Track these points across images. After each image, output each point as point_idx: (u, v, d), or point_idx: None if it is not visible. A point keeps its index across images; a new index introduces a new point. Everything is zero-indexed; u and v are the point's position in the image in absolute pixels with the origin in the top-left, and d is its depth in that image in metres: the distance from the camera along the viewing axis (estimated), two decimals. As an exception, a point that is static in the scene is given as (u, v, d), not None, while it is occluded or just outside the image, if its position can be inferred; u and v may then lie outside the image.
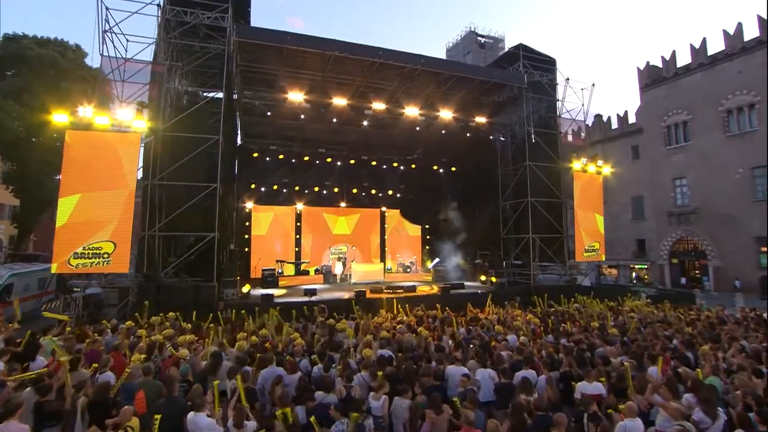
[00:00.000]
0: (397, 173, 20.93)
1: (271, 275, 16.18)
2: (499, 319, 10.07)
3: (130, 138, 10.81)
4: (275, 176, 19.16)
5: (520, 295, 14.78)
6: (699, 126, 23.97)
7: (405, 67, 14.17)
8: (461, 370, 6.03)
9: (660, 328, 9.00)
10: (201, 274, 13.21)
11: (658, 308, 11.78)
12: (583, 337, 8.12)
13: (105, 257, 10.25)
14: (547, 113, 16.57)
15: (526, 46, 16.33)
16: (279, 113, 15.26)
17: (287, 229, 20.93)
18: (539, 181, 16.00)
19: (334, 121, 15.32)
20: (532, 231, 15.95)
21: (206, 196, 12.27)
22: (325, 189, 20.98)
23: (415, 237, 23.63)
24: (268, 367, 5.66)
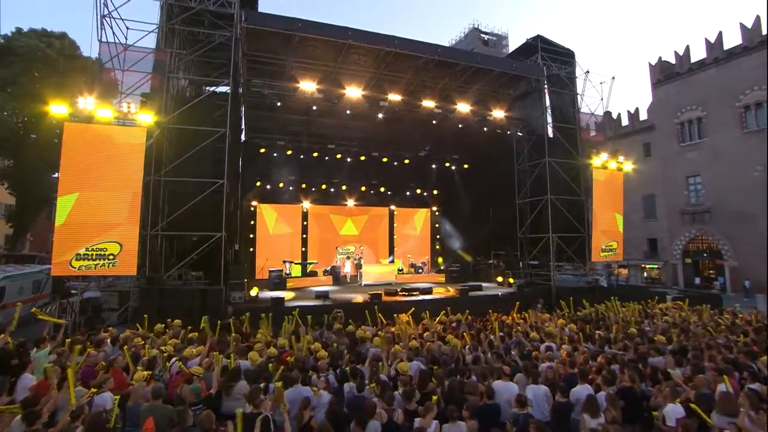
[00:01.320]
0: (408, 170, 20.21)
1: (279, 277, 15.46)
2: (531, 324, 9.40)
3: (135, 133, 10.07)
4: (281, 173, 18.42)
5: (535, 298, 14.15)
6: (714, 122, 23.38)
7: (421, 57, 13.48)
8: (510, 387, 5.36)
9: (706, 335, 8.38)
10: (206, 276, 12.54)
11: (693, 311, 11.11)
12: (630, 344, 7.47)
13: (110, 259, 9.53)
14: (566, 107, 15.89)
15: (544, 38, 15.64)
16: (287, 106, 14.52)
17: (293, 228, 20.23)
18: (558, 178, 15.34)
19: (348, 113, 14.59)
20: (551, 230, 15.30)
21: (211, 193, 11.54)
22: (332, 186, 20.25)
23: (424, 236, 23.00)
24: (294, 387, 4.95)
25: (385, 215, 22.23)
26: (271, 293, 13.66)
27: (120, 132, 10.00)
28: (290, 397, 4.80)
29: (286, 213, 20.04)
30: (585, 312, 11.15)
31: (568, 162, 15.52)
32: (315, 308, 11.33)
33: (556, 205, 15.16)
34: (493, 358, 6.55)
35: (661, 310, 11.83)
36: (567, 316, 10.48)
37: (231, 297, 11.80)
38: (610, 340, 7.87)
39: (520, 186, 16.94)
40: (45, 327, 7.19)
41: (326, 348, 6.84)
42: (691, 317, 10.50)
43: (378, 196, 21.48)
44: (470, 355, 6.78)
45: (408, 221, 22.75)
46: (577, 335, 8.34)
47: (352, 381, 5.27)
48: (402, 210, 22.46)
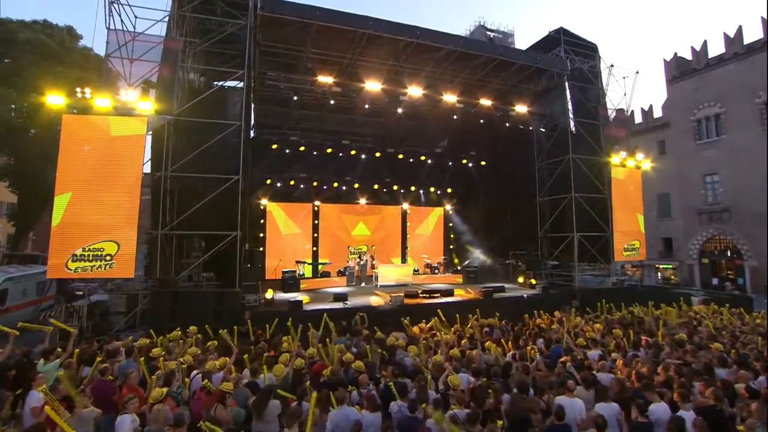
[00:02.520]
0: (424, 167, 19.61)
1: (292, 278, 14.86)
2: (568, 329, 8.82)
3: (134, 123, 9.46)
4: (292, 170, 17.83)
5: (563, 300, 13.59)
6: (733, 119, 22.84)
7: (441, 49, 12.90)
8: (576, 404, 4.79)
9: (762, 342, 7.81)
10: (218, 278, 11.97)
11: (734, 315, 10.53)
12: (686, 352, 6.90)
13: (107, 260, 8.92)
14: (589, 102, 15.31)
15: (567, 30, 15.09)
16: (302, 101, 13.96)
17: (304, 227, 19.63)
18: (582, 176, 14.78)
19: (366, 107, 14.01)
20: (572, 229, 14.74)
21: (223, 190, 10.96)
22: (344, 185, 19.64)
23: (437, 236, 22.43)
24: (340, 408, 4.36)
25: (397, 214, 21.65)
26: (286, 295, 13.10)
27: (118, 123, 9.38)
28: (337, 420, 4.23)
29: (296, 212, 19.43)
30: (620, 315, 10.59)
31: (590, 159, 14.97)
32: (334, 312, 10.76)
33: (578, 203, 14.60)
34: (544, 369, 6.00)
35: (696, 313, 11.27)
36: (603, 320, 9.91)
37: (246, 300, 11.22)
38: (660, 347, 7.32)
39: (541, 184, 16.36)
40: (45, 335, 6.52)
41: (360, 358, 6.27)
42: (734, 321, 9.96)
43: (391, 195, 20.89)
44: (517, 364, 6.23)
45: (421, 221, 22.14)
46: (622, 341, 7.77)
47: (399, 399, 4.69)
48: (415, 209, 21.86)
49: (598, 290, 14.07)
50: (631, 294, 13.59)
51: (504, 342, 7.74)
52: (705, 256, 24.19)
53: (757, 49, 22.01)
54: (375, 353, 6.86)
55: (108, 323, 10.71)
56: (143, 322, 10.57)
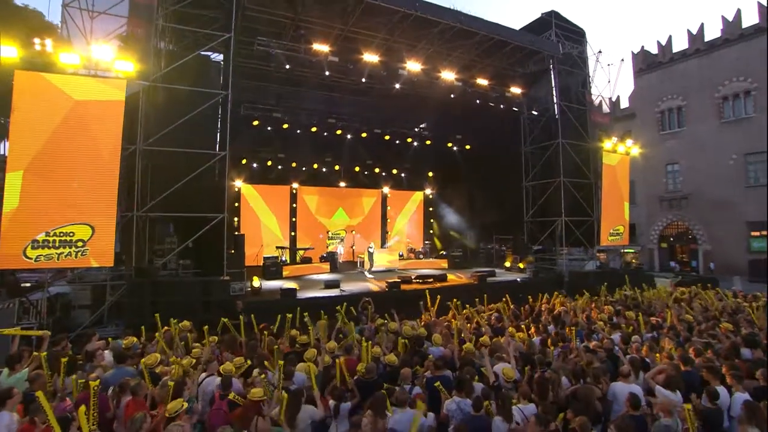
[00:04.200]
0: (408, 150, 19.07)
1: (274, 264, 13.97)
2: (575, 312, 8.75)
3: (112, 88, 8.13)
4: (270, 150, 16.67)
5: (554, 283, 13.74)
6: (693, 112, 24.14)
7: (438, 24, 12.30)
8: (634, 389, 4.52)
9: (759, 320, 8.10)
10: (197, 265, 10.88)
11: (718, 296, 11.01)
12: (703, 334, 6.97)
13: (79, 246, 7.68)
14: (576, 88, 15.38)
15: (559, 14, 14.97)
16: (286, 74, 12.83)
17: (281, 210, 18.57)
18: (569, 161, 14.90)
19: (355, 84, 13.17)
20: (559, 214, 14.90)
21: (207, 168, 9.82)
22: (325, 166, 18.74)
23: (418, 221, 22.13)
24: (404, 411, 3.77)
25: (378, 198, 21.10)
26: (272, 283, 12.23)
27: (92, 86, 8.01)
28: (402, 425, 3.66)
29: (273, 194, 18.32)
30: (617, 297, 10.77)
31: (578, 144, 15.11)
32: (332, 300, 10.11)
33: (568, 188, 14.72)
34: (585, 355, 5.75)
35: (682, 294, 11.71)
36: (603, 302, 9.99)
37: (231, 288, 10.25)
38: (677, 328, 7.37)
39: (527, 168, 16.36)
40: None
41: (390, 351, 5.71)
42: (716, 302, 10.40)
43: (372, 178, 20.27)
44: (555, 351, 5.94)
45: (402, 204, 21.74)
46: (635, 323, 7.76)
47: (458, 395, 4.19)
48: (395, 192, 21.39)
49: (585, 273, 14.39)
50: (615, 277, 13.95)
51: (523, 327, 7.48)
52: (664, 241, 25.72)
53: (717, 46, 23.26)
54: (387, 343, 6.36)
55: (70, 319, 9.41)
56: (114, 316, 9.40)
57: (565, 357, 5.66)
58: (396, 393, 3.90)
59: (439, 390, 4.16)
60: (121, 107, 8.07)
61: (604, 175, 14.90)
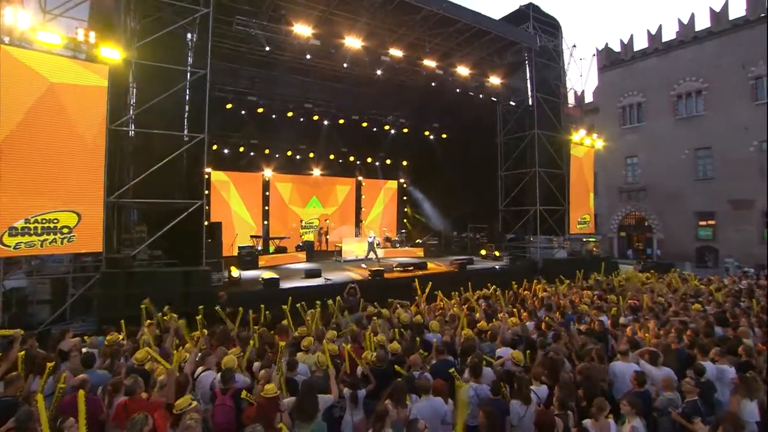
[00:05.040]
0: (385, 138, 18.89)
1: (250, 254, 13.46)
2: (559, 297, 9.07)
3: (93, 71, 7.47)
4: (242, 135, 15.94)
5: (530, 270, 14.19)
6: (652, 108, 25.55)
7: (420, 10, 12.13)
8: (634, 368, 4.74)
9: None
10: (168, 254, 10.27)
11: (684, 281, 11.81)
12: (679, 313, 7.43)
13: (65, 233, 7.13)
14: (550, 80, 15.77)
15: (536, 7, 15.22)
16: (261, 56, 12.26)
17: (253, 198, 17.92)
18: (544, 151, 15.33)
19: (345, 66, 12.77)
20: (533, 203, 15.35)
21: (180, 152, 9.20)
22: (299, 153, 18.24)
23: (392, 209, 22.14)
24: (427, 399, 3.66)
25: (352, 186, 20.87)
26: (250, 273, 11.80)
27: (71, 69, 7.36)
28: (424, 413, 3.59)
29: (244, 182, 17.62)
30: (591, 282, 11.29)
31: (552, 135, 15.56)
32: (317, 289, 9.90)
33: (543, 178, 15.16)
34: (580, 337, 5.94)
35: (647, 278, 12.47)
36: (581, 288, 10.44)
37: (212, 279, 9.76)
38: (654, 310, 7.81)
39: (503, 158, 16.68)
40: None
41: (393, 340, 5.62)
42: (681, 285, 11.17)
43: (346, 166, 19.99)
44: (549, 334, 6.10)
45: (376, 193, 21.64)
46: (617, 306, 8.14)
47: (474, 381, 4.18)
48: (370, 181, 21.24)
49: (558, 261, 14.97)
50: (585, 263, 14.62)
51: (515, 312, 7.64)
52: (622, 230, 27.28)
53: (674, 47, 24.65)
54: (386, 331, 6.29)
55: (27, 315, 8.62)
56: (80, 311, 8.72)
57: (559, 339, 5.82)
58: (419, 382, 3.83)
59: (454, 376, 4.14)
60: (103, 92, 7.49)
61: (571, 167, 15.51)
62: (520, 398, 3.85)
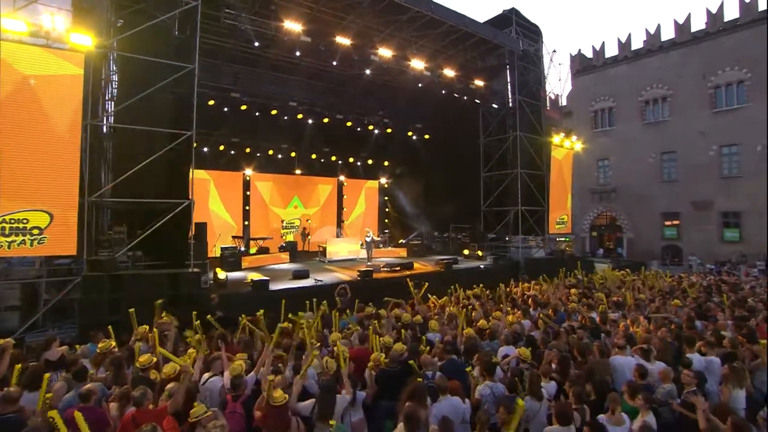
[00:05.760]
0: (368, 138, 18.84)
1: (233, 255, 13.12)
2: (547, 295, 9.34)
3: (68, 60, 7.03)
4: (223, 133, 15.50)
5: (513, 269, 14.55)
6: (621, 113, 26.73)
7: (408, 11, 12.20)
8: (632, 363, 4.93)
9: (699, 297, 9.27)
10: (150, 256, 9.85)
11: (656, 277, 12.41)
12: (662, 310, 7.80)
13: (35, 234, 6.66)
14: (531, 84, 16.21)
15: (519, 12, 15.61)
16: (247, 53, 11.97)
17: (233, 198, 17.48)
18: (525, 153, 15.74)
19: (334, 64, 12.64)
20: (515, 204, 15.74)
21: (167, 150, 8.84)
22: (281, 153, 17.94)
23: (373, 210, 22.12)
24: (445, 398, 3.67)
25: (334, 186, 20.72)
26: (234, 275, 11.48)
27: (44, 58, 6.90)
28: (445, 412, 3.61)
29: (225, 181, 17.16)
30: (572, 281, 11.67)
31: (531, 137, 16.00)
32: (304, 290, 9.76)
33: (525, 179, 15.56)
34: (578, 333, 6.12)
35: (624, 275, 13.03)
36: (565, 286, 10.77)
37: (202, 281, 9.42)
38: (639, 306, 8.18)
39: (485, 159, 17.00)
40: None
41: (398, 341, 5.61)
42: (658, 282, 11.75)
43: (328, 166, 19.84)
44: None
45: (357, 193, 21.58)
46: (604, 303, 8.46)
47: (488, 379, 4.24)
48: (351, 181, 21.15)
49: (539, 260, 15.40)
50: (564, 263, 15.10)
51: (510, 310, 7.80)
52: (594, 230, 28.39)
53: (642, 55, 25.89)
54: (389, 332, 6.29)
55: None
56: (54, 318, 8.24)
57: (559, 336, 5.99)
58: (438, 381, 3.85)
59: (470, 375, 4.19)
60: (79, 82, 7.04)
61: (552, 168, 16.00)
62: (533, 395, 3.94)
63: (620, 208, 26.65)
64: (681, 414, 4.15)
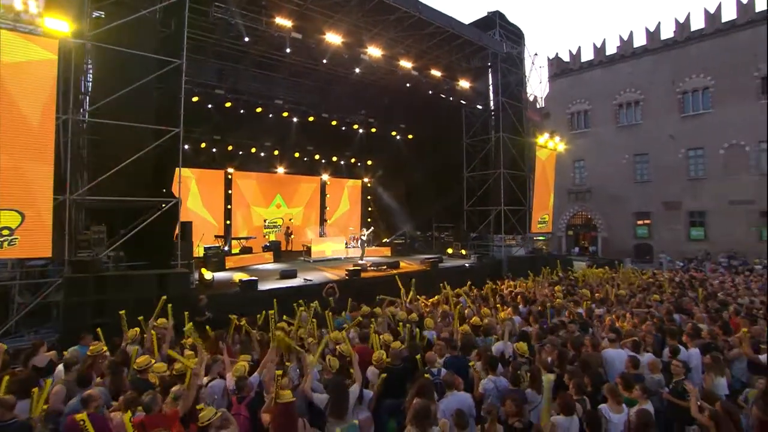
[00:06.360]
0: (353, 137, 18.79)
1: (217, 255, 12.85)
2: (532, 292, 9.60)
3: (40, 45, 6.67)
4: (205, 130, 15.12)
5: (496, 268, 14.86)
6: (597, 116, 27.65)
7: (396, 11, 12.26)
8: (622, 355, 5.16)
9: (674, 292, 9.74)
10: (131, 256, 9.53)
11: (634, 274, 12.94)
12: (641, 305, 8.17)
13: (5, 235, 6.29)
14: (513, 86, 16.57)
15: (502, 15, 15.92)
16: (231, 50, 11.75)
17: (214, 196, 17.09)
18: (507, 154, 16.09)
19: (324, 62, 12.54)
20: (497, 203, 16.07)
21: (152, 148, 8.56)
22: (263, 151, 17.67)
23: (355, 209, 22.09)
24: (451, 393, 3.75)
25: (317, 185, 20.59)
26: (219, 275, 11.26)
27: (13, 43, 6.51)
28: (452, 408, 3.68)
29: (206, 179, 16.76)
30: (554, 278, 12.04)
31: (514, 138, 16.37)
32: (293, 290, 9.69)
33: (507, 179, 15.90)
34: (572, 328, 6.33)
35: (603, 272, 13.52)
36: (548, 283, 11.09)
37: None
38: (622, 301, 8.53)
39: (468, 160, 17.27)
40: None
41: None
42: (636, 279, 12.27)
43: (311, 164, 19.68)
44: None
45: (340, 192, 21.52)
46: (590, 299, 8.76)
47: (492, 374, 4.35)
48: (334, 180, 21.07)
49: (521, 258, 15.78)
50: (545, 261, 15.53)
51: (500, 308, 7.99)
52: (570, 229, 29.28)
53: (616, 61, 26.88)
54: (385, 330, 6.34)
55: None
56: (30, 322, 7.85)
57: (554, 331, 6.19)
58: (445, 377, 3.92)
59: (473, 369, 4.29)
60: (53, 69, 6.66)
61: (536, 168, 16.43)
62: (534, 388, 4.08)
63: (595, 207, 27.59)
64: (669, 402, 4.40)
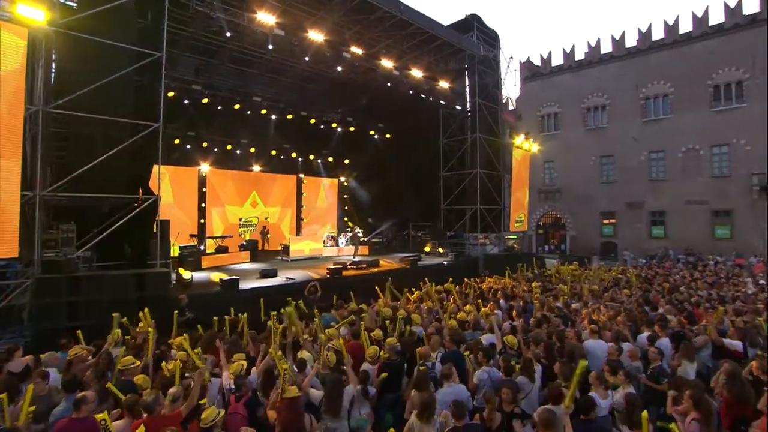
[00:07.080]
0: (331, 136, 18.71)
1: (192, 254, 12.50)
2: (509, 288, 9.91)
3: (11, 35, 6.30)
4: (179, 126, 14.65)
5: (473, 266, 15.20)
6: (566, 119, 28.72)
7: (377, 10, 12.33)
8: (602, 345, 5.46)
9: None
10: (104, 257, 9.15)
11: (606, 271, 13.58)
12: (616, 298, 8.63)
13: None
14: (490, 88, 17.00)
15: (479, 17, 16.29)
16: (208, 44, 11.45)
17: (188, 194, 16.57)
18: (483, 154, 16.49)
19: (306, 59, 12.41)
20: (473, 203, 16.45)
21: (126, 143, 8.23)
22: (239, 148, 17.30)
23: (332, 207, 21.99)
24: (448, 385, 3.87)
25: (293, 183, 20.35)
26: (196, 275, 10.95)
27: None
28: (449, 399, 3.79)
29: (179, 176, 16.21)
30: (529, 275, 12.48)
31: (489, 139, 16.80)
32: (274, 289, 9.58)
33: (483, 179, 16.29)
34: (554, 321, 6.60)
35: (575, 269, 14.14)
36: (525, 280, 11.49)
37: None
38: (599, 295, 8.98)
39: (445, 160, 17.58)
40: None
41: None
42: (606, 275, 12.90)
43: (288, 163, 19.44)
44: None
45: (316, 191, 21.36)
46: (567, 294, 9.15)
47: (485, 365, 4.50)
48: (310, 179, 20.89)
49: (496, 256, 16.22)
50: (519, 259, 16.06)
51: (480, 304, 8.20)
52: (540, 228, 30.29)
53: (584, 66, 28.02)
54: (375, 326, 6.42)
55: None
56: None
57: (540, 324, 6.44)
58: (444, 369, 4.03)
59: (468, 360, 4.43)
60: (21, 57, 6.28)
61: (513, 169, 16.93)
62: (527, 376, 4.27)
63: (564, 207, 28.68)
64: (647, 386, 4.72)
